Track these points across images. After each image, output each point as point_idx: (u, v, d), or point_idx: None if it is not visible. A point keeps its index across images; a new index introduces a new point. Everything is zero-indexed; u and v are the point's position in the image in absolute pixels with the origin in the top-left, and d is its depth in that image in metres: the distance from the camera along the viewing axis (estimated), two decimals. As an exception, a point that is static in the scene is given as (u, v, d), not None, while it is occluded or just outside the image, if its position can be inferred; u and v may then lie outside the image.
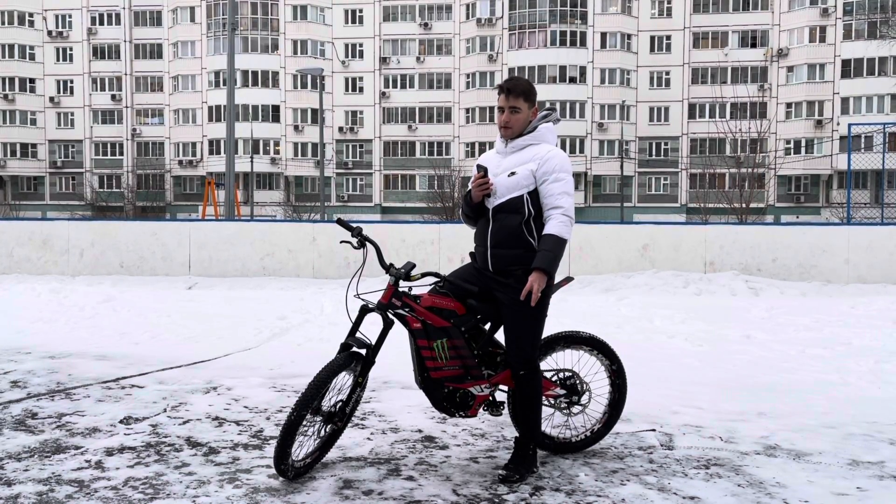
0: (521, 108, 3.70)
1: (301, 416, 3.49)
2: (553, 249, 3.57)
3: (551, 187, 3.65)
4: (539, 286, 3.52)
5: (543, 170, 3.65)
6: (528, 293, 3.52)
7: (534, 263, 3.55)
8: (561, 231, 3.60)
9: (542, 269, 3.53)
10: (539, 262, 3.54)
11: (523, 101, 3.70)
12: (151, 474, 3.68)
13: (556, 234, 3.59)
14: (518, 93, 3.70)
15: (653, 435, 4.39)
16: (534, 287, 3.51)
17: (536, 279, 3.52)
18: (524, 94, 3.70)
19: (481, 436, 4.38)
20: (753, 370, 6.15)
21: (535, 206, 3.68)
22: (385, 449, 4.12)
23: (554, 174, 3.65)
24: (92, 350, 6.93)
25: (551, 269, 3.56)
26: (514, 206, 3.67)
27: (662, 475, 3.74)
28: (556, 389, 3.99)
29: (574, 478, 3.70)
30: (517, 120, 3.71)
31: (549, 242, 3.58)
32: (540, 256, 3.56)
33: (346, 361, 3.63)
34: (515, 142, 3.75)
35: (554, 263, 3.57)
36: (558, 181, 3.65)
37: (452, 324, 3.71)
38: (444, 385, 3.75)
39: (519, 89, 3.70)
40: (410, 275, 3.68)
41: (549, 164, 3.66)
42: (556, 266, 3.58)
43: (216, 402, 5.09)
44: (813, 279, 11.56)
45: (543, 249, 3.57)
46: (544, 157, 3.67)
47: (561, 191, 3.64)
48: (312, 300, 10.17)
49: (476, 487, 3.57)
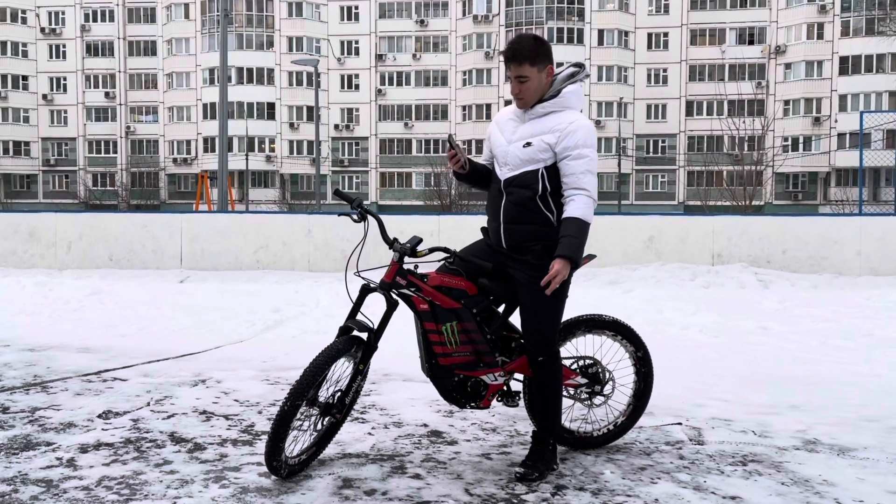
0: (528, 75, 3.23)
1: (295, 408, 3.12)
2: (578, 235, 3.17)
3: (573, 165, 3.22)
4: (563, 276, 3.13)
5: (564, 144, 3.22)
6: (544, 281, 3.14)
7: (558, 251, 3.16)
8: (585, 214, 3.20)
9: (566, 256, 3.14)
10: (563, 250, 3.15)
11: (529, 66, 3.22)
12: (129, 473, 3.31)
13: (579, 217, 3.19)
14: (521, 59, 3.22)
15: (679, 429, 4.04)
16: (557, 277, 3.11)
17: (560, 267, 3.12)
18: (529, 59, 3.22)
19: (492, 430, 4.01)
20: (776, 362, 5.79)
21: (553, 181, 3.26)
22: (388, 444, 3.76)
23: (577, 150, 3.22)
24: (75, 343, 6.54)
25: (577, 257, 3.17)
26: (528, 181, 3.27)
27: (696, 472, 3.38)
28: (576, 378, 3.62)
29: (599, 475, 3.34)
30: (528, 89, 3.25)
31: (572, 227, 3.18)
32: (564, 243, 3.16)
33: (346, 346, 3.26)
34: (534, 109, 3.30)
35: (579, 251, 3.18)
36: (581, 158, 3.22)
37: (463, 305, 3.35)
38: (453, 373, 3.38)
39: (522, 54, 3.22)
40: (417, 250, 3.31)
41: (572, 138, 3.22)
42: (581, 253, 3.21)
43: (204, 395, 4.72)
44: (824, 271, 11.22)
45: (568, 235, 3.17)
46: (565, 130, 3.23)
47: (584, 169, 3.22)
48: (308, 293, 9.79)
49: (491, 486, 3.20)
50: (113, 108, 60.12)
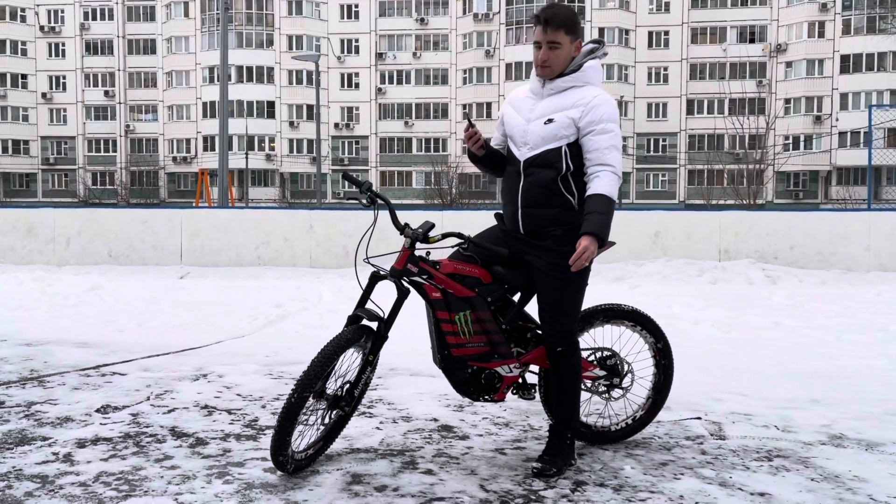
0: (561, 42, 3.10)
1: (302, 400, 2.97)
2: (605, 211, 3.01)
3: (597, 140, 3.07)
4: (591, 254, 2.94)
5: (588, 119, 3.08)
6: (572, 260, 2.97)
7: (584, 227, 2.98)
8: (611, 191, 3.04)
9: (594, 233, 2.96)
10: (590, 226, 2.97)
11: (564, 33, 3.10)
12: (128, 468, 3.17)
13: (606, 193, 3.03)
14: (558, 24, 3.09)
15: (699, 423, 3.89)
16: (585, 253, 2.93)
17: (588, 245, 2.94)
18: (566, 26, 3.10)
19: (505, 424, 3.87)
20: (792, 356, 5.65)
21: (575, 160, 3.12)
22: (397, 439, 3.61)
23: (601, 124, 3.08)
24: (72, 337, 6.39)
25: (605, 235, 2.99)
26: (550, 159, 3.11)
27: (720, 468, 3.24)
28: (594, 370, 3.48)
29: (619, 471, 3.20)
30: (557, 57, 3.11)
31: (599, 203, 3.02)
32: (592, 220, 2.99)
33: (355, 336, 3.11)
34: (555, 83, 3.16)
35: (607, 228, 3.01)
36: (606, 133, 3.08)
37: (477, 293, 3.20)
38: (467, 364, 3.24)
39: (559, 19, 3.09)
40: (429, 236, 3.17)
41: (596, 112, 3.08)
42: (609, 230, 3.03)
43: (206, 389, 4.57)
44: (832, 267, 11.06)
45: (595, 212, 3.00)
46: (589, 104, 3.09)
47: (609, 144, 3.07)
48: (310, 288, 9.65)
49: (507, 482, 3.06)
50: (112, 106, 59.95)
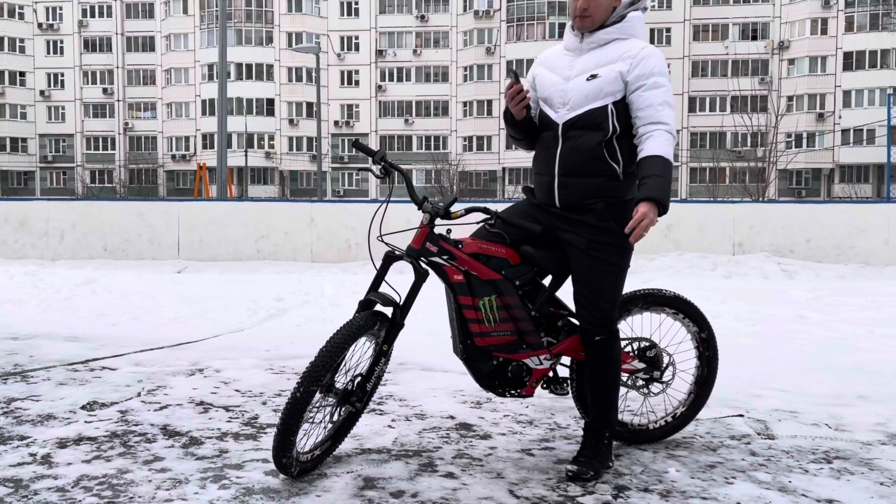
0: None
1: (309, 394, 2.63)
2: (664, 174, 2.65)
3: (648, 95, 2.73)
4: (650, 222, 2.59)
5: (638, 72, 2.74)
6: (628, 228, 2.63)
7: (641, 192, 2.63)
8: (668, 152, 2.69)
9: (654, 199, 2.60)
10: (649, 191, 2.61)
11: None
12: (112, 471, 2.83)
13: (662, 154, 2.68)
14: None
15: (742, 421, 3.56)
16: (644, 221, 2.58)
17: (647, 212, 2.58)
18: None
19: (529, 423, 3.53)
20: (826, 350, 5.31)
21: (622, 121, 2.77)
22: (412, 439, 3.27)
23: (653, 78, 2.74)
24: (62, 331, 6.04)
25: (665, 201, 2.63)
26: (594, 120, 2.76)
27: (776, 471, 2.90)
28: (633, 362, 3.14)
29: (663, 474, 2.86)
30: (598, 6, 2.77)
31: (656, 165, 2.66)
32: (649, 184, 2.63)
33: (368, 323, 2.77)
34: (595, 35, 2.82)
35: (667, 192, 2.65)
36: (658, 88, 2.74)
37: (504, 276, 2.87)
38: (492, 355, 2.90)
39: None
40: (451, 211, 2.83)
41: (646, 64, 2.74)
42: (669, 196, 2.67)
43: (201, 384, 4.23)
44: (850, 261, 10.75)
45: (652, 174, 2.64)
46: (638, 55, 2.75)
47: (661, 100, 2.73)
48: (312, 283, 9.32)
49: (539, 487, 2.72)
50: (111, 104, 59.56)
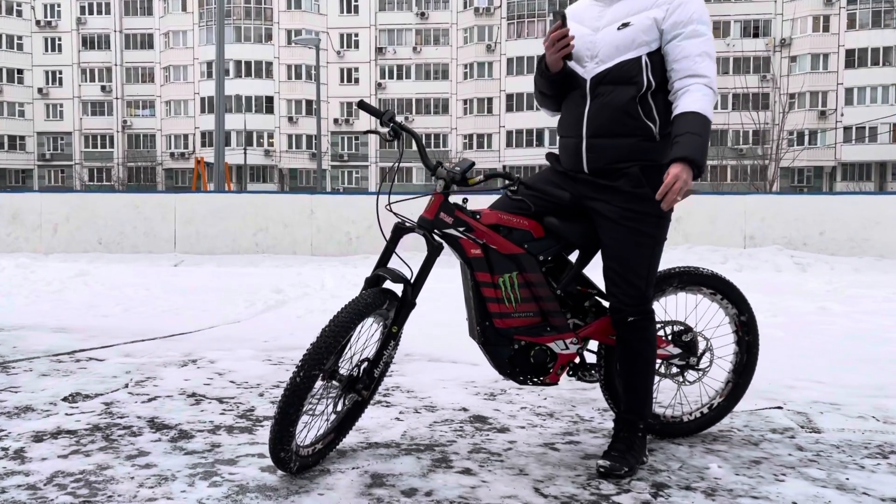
0: None
1: (310, 380, 2.34)
2: (701, 132, 2.37)
3: (686, 45, 2.44)
4: (683, 185, 2.31)
5: (675, 19, 2.45)
6: (660, 193, 2.35)
7: (675, 152, 2.35)
8: (706, 108, 2.41)
9: (689, 158, 2.33)
10: (684, 150, 2.33)
11: None
12: (91, 467, 2.54)
13: (699, 111, 2.39)
14: None
15: (781, 413, 3.27)
16: (676, 183, 2.31)
17: (680, 174, 2.31)
18: None
19: (549, 415, 3.24)
20: (856, 341, 5.03)
21: (658, 74, 2.48)
22: (423, 432, 2.99)
23: (691, 25, 2.45)
24: (51, 322, 5.76)
25: (702, 162, 2.35)
26: (627, 73, 2.47)
27: (829, 467, 2.61)
28: (667, 347, 2.85)
29: (704, 470, 2.57)
30: None
31: (693, 123, 2.37)
32: (684, 142, 2.34)
33: (376, 302, 2.47)
34: None
35: (704, 152, 2.37)
36: (697, 37, 2.45)
37: (526, 250, 2.58)
38: (512, 339, 2.61)
39: None
40: (468, 177, 2.54)
41: (684, 10, 2.46)
42: (706, 156, 2.39)
43: (194, 376, 3.94)
44: (865, 254, 10.46)
45: (687, 132, 2.35)
46: (675, 1, 2.46)
47: (700, 50, 2.45)
48: (312, 275, 9.04)
49: (567, 485, 2.43)
50: (109, 101, 59.20)
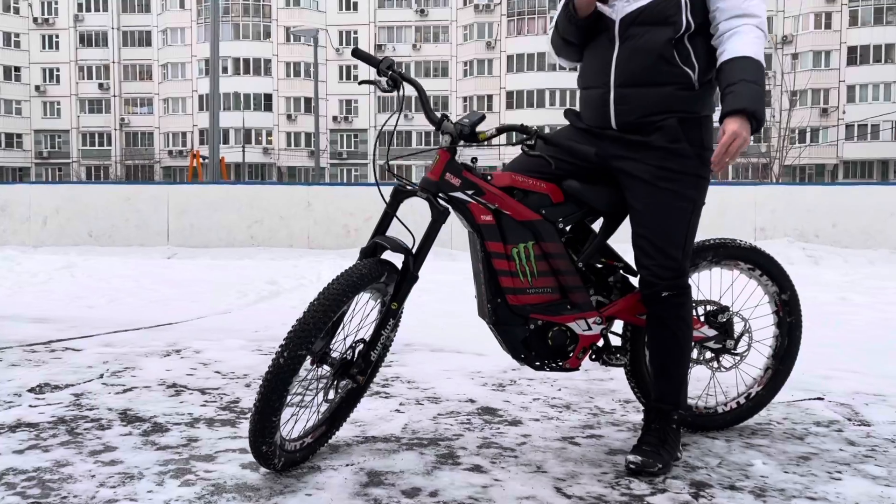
0: None
1: (296, 361, 2.02)
2: (758, 79, 2.06)
3: None
4: (742, 142, 2.01)
5: None
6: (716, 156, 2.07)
7: (730, 104, 2.04)
8: (759, 52, 2.09)
9: (746, 110, 2.03)
10: (740, 102, 2.03)
11: None
12: (48, 464, 2.22)
13: (752, 56, 2.08)
14: None
15: (823, 405, 2.96)
16: (735, 142, 2.01)
17: (738, 130, 2.02)
18: None
19: (565, 407, 2.93)
20: (887, 331, 4.72)
21: (697, 15, 2.16)
22: (425, 424, 2.67)
23: None
24: (31, 313, 5.44)
25: (760, 113, 2.04)
26: (663, 12, 2.15)
27: (888, 464, 2.30)
28: (702, 329, 2.53)
29: (747, 467, 2.26)
30: None
31: (747, 69, 2.06)
32: (741, 91, 2.03)
33: (373, 273, 2.15)
34: None
35: (762, 103, 2.05)
36: None
37: (544, 217, 2.26)
38: (528, 318, 2.29)
39: None
40: (477, 131, 2.22)
41: None
42: (765, 107, 2.08)
43: (176, 366, 3.63)
44: (879, 246, 10.16)
45: (741, 80, 2.05)
46: None
47: None
48: (308, 267, 8.72)
49: (593, 483, 2.12)
50: (107, 99, 58.88)
